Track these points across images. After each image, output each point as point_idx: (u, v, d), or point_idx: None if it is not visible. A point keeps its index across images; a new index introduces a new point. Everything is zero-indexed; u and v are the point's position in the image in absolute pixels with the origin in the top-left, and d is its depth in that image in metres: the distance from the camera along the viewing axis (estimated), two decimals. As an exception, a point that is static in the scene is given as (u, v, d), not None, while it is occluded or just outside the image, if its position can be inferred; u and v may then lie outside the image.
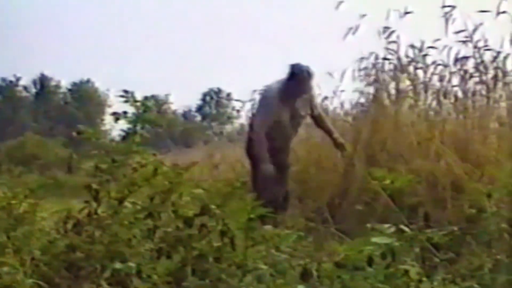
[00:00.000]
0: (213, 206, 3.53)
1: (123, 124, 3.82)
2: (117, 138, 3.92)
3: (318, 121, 7.29)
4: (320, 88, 7.44)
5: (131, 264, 3.39)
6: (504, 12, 6.04)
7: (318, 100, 7.60)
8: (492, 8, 6.10)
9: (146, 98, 3.88)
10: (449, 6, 6.53)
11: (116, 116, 3.77)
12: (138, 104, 3.73)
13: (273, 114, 6.92)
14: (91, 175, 3.70)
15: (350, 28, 7.46)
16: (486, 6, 6.17)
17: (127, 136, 3.77)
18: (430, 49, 7.35)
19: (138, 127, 3.76)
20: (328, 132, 7.32)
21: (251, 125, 7.38)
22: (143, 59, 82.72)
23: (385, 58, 7.82)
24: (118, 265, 3.38)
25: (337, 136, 7.26)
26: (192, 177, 3.87)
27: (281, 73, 7.00)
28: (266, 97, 7.15)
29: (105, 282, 3.41)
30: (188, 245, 3.47)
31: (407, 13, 7.10)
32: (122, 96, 3.75)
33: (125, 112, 3.76)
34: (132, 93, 3.76)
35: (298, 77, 6.85)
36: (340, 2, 7.64)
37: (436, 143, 6.39)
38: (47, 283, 3.44)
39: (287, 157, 7.16)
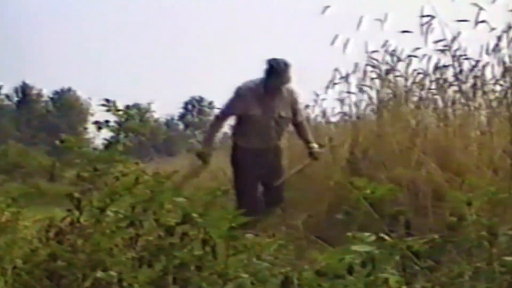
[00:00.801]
0: (194, 215, 3.52)
1: (106, 133, 3.83)
2: (100, 147, 3.92)
3: (299, 129, 7.30)
4: (301, 95, 7.43)
5: (113, 272, 3.38)
6: (482, 21, 6.06)
7: (302, 107, 7.57)
8: (471, 17, 6.13)
9: (128, 107, 3.90)
10: (428, 15, 6.57)
11: (98, 125, 3.78)
12: (120, 113, 3.74)
13: (243, 106, 6.96)
14: (73, 183, 3.70)
15: (336, 36, 7.48)
16: (464, 16, 6.20)
17: (109, 145, 3.78)
18: (410, 58, 7.40)
19: (121, 136, 3.76)
20: (305, 141, 7.33)
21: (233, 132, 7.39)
22: (126, 68, 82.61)
23: (368, 65, 7.87)
24: (99, 274, 3.37)
25: (313, 146, 7.26)
26: (174, 185, 3.88)
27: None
28: (239, 88, 7.11)
29: (87, 290, 3.41)
30: (170, 254, 3.46)
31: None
32: (103, 105, 3.76)
33: (107, 121, 3.77)
34: (114, 102, 3.77)
35: (276, 70, 6.84)
36: (326, 7, 7.66)
37: (417, 151, 6.41)
38: (28, 292, 3.43)
39: (274, 160, 7.10)
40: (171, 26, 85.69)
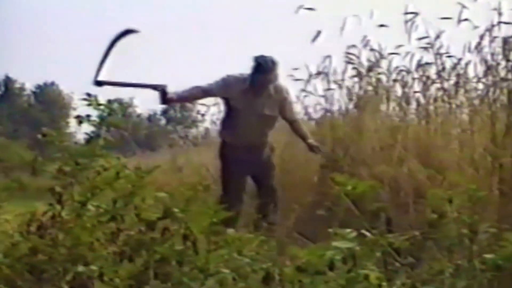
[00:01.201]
0: (176, 210, 3.52)
1: (87, 128, 3.82)
2: (82, 141, 3.91)
3: (294, 126, 7.28)
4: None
5: (94, 267, 3.38)
6: (465, 19, 6.10)
7: (293, 105, 7.55)
8: (454, 15, 6.16)
9: (109, 101, 3.87)
10: (411, 13, 6.59)
11: (79, 120, 3.77)
12: (102, 107, 3.74)
13: (225, 90, 6.94)
14: (55, 177, 3.69)
15: (319, 32, 7.49)
16: (448, 13, 6.23)
17: (90, 139, 3.77)
18: (393, 55, 7.43)
19: (103, 131, 3.76)
20: (302, 137, 7.29)
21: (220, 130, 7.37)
22: (108, 63, 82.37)
23: (348, 62, 7.89)
24: (80, 268, 3.37)
25: (311, 141, 7.21)
26: (155, 180, 3.89)
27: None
28: (226, 75, 7.07)
29: (67, 285, 3.40)
30: (151, 249, 3.46)
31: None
32: (85, 99, 3.76)
33: (88, 116, 3.76)
34: (95, 96, 3.77)
35: (263, 67, 6.81)
36: (300, 6, 7.67)
37: (399, 148, 6.44)
38: (9, 286, 3.42)
39: (256, 156, 7.08)
40: (153, 22, 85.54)
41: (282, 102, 7.11)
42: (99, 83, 6.82)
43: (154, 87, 7.06)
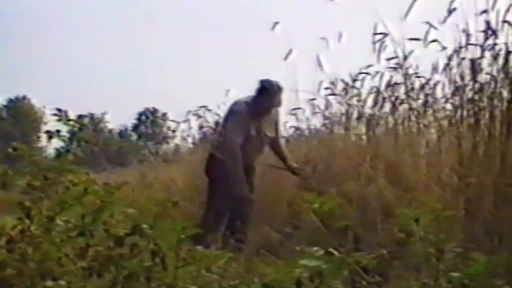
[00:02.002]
0: (144, 226, 3.52)
1: (58, 142, 3.81)
2: (53, 156, 3.90)
3: (277, 147, 7.31)
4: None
5: (62, 282, 3.38)
6: (434, 40, 6.15)
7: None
8: (423, 36, 6.22)
9: (80, 116, 3.87)
10: (381, 33, 6.64)
11: (49, 135, 3.76)
12: (72, 122, 3.73)
13: (244, 127, 6.90)
14: (25, 192, 3.68)
15: (290, 50, 7.52)
16: (416, 34, 6.28)
17: (59, 154, 3.77)
18: (363, 75, 7.48)
19: (74, 145, 3.76)
20: (283, 159, 7.34)
21: (214, 144, 7.31)
22: (81, 78, 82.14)
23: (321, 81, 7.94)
24: (49, 283, 3.37)
25: (292, 163, 7.31)
26: (125, 196, 3.89)
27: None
28: (236, 110, 7.04)
29: (35, 300, 3.40)
30: (119, 264, 3.46)
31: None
32: (55, 115, 3.75)
33: (58, 131, 3.75)
34: (65, 111, 3.76)
35: (268, 91, 6.86)
36: (276, 23, 7.71)
37: (367, 167, 6.48)
38: (-23, 300, 3.41)
39: (251, 179, 7.11)
40: (125, 38, 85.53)
41: (276, 123, 7.21)
42: None
43: None
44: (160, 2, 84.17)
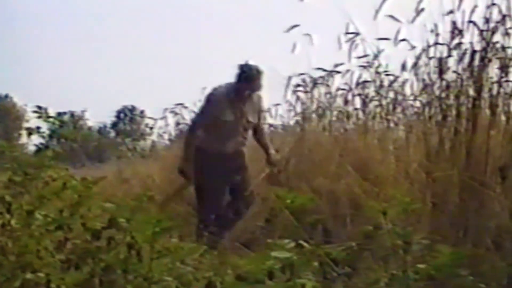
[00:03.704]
0: (121, 220, 3.59)
1: (38, 139, 3.88)
2: (33, 152, 3.96)
3: (259, 135, 7.27)
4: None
5: (41, 274, 3.43)
6: (403, 40, 6.24)
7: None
8: (392, 36, 6.30)
9: (59, 114, 3.96)
10: (352, 33, 6.72)
11: (29, 131, 3.83)
12: (51, 119, 3.80)
13: (217, 112, 6.86)
14: (5, 187, 3.74)
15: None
16: (387, 34, 6.38)
17: (39, 150, 3.83)
18: (334, 73, 7.57)
19: (53, 142, 3.82)
20: (264, 147, 7.29)
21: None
22: (62, 76, 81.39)
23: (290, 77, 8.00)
24: (28, 275, 3.42)
25: (272, 152, 7.25)
26: (102, 191, 3.95)
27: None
28: (212, 94, 7.02)
29: (16, 291, 3.46)
30: (96, 257, 3.52)
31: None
32: (35, 112, 3.82)
33: (38, 127, 3.82)
34: (45, 109, 3.83)
35: (247, 75, 6.82)
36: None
37: (337, 162, 6.54)
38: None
39: (239, 163, 7.02)
40: (104, 36, 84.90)
41: (259, 109, 7.16)
42: None
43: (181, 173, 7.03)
44: (136, 1, 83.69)
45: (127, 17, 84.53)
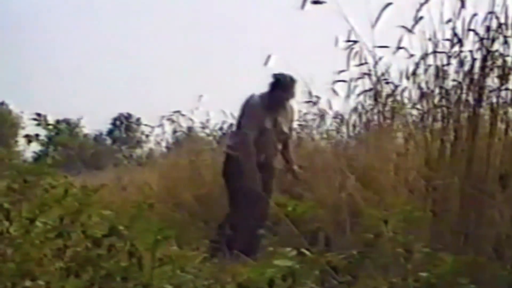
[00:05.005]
0: (121, 227, 3.59)
1: (36, 146, 3.87)
2: (30, 160, 3.96)
3: (285, 146, 7.19)
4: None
5: (41, 282, 3.43)
6: (402, 48, 6.24)
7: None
8: (392, 44, 6.31)
9: (58, 121, 3.95)
10: (351, 40, 6.72)
11: (29, 139, 3.82)
12: (50, 127, 3.80)
13: (258, 120, 6.83)
14: (4, 194, 3.73)
15: (269, 56, 7.50)
16: (386, 42, 6.38)
17: (39, 158, 3.83)
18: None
19: (51, 149, 3.82)
20: (289, 161, 7.23)
21: (230, 144, 7.21)
22: (57, 84, 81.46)
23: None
24: (28, 283, 3.42)
25: (295, 168, 7.20)
26: (101, 198, 3.95)
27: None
28: (250, 104, 6.97)
29: (15, 299, 3.45)
30: (97, 265, 3.52)
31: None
32: (34, 119, 3.82)
33: (37, 135, 3.81)
34: (44, 116, 3.83)
35: (282, 84, 6.83)
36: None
37: (340, 170, 6.53)
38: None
39: (268, 178, 6.93)
40: (100, 43, 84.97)
41: (292, 120, 7.18)
42: None
43: None
44: (133, 9, 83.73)
45: (123, 24, 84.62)
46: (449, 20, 5.72)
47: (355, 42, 6.71)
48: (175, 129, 12.01)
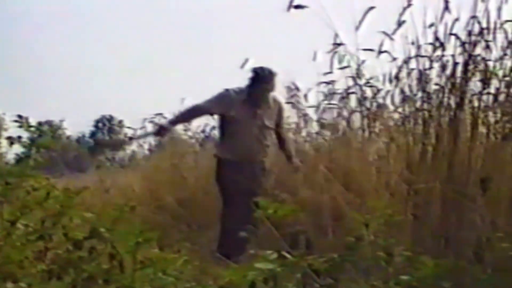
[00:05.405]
0: (102, 229, 3.58)
1: (18, 148, 3.85)
2: (12, 161, 3.95)
3: (283, 142, 7.18)
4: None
5: (23, 284, 3.42)
6: (385, 51, 6.26)
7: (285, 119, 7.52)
8: (375, 47, 6.32)
9: (40, 123, 3.93)
10: (336, 44, 6.73)
11: (11, 141, 3.81)
12: (32, 129, 3.78)
13: (224, 106, 6.82)
14: (-15, 197, 3.72)
15: (246, 59, 7.51)
16: (369, 46, 6.40)
17: (21, 160, 3.81)
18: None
19: (33, 151, 3.80)
20: (288, 156, 7.20)
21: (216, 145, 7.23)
22: (39, 85, 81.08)
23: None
24: (9, 285, 3.41)
25: (295, 161, 7.17)
26: (83, 201, 3.94)
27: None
28: (224, 90, 6.95)
29: (-4, 302, 3.44)
30: (78, 267, 3.51)
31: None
32: (16, 121, 3.80)
33: (19, 137, 3.80)
34: (26, 118, 3.82)
35: (260, 77, 6.80)
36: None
37: (321, 173, 6.54)
38: None
39: (256, 172, 6.84)
40: (82, 44, 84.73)
41: (278, 115, 7.10)
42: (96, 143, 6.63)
43: (150, 133, 6.91)
44: (114, 11, 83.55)
45: (105, 27, 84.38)
46: (432, 25, 5.76)
47: (339, 45, 6.72)
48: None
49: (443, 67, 5.70)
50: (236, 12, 72.42)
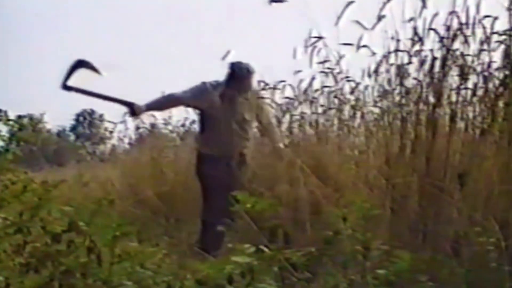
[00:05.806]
0: (80, 223, 3.58)
1: (-2, 142, 3.85)
2: (-9, 156, 3.94)
3: (269, 129, 7.17)
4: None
5: (0, 278, 3.42)
6: (364, 46, 6.26)
7: (267, 109, 7.48)
8: (354, 41, 6.32)
9: (20, 117, 3.94)
10: (315, 37, 6.72)
11: (-11, 134, 3.80)
12: (11, 122, 3.78)
13: (202, 98, 6.77)
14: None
15: (228, 51, 7.48)
16: (349, 40, 6.39)
17: (0, 153, 3.81)
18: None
19: (13, 145, 3.80)
20: (272, 140, 7.19)
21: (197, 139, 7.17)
22: (20, 79, 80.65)
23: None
24: (-13, 279, 3.41)
25: (278, 145, 7.15)
26: (62, 194, 3.95)
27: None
28: (202, 83, 6.90)
29: (-26, 295, 3.44)
30: (56, 260, 3.51)
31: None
32: (-5, 115, 3.80)
33: (-3, 130, 3.80)
34: (5, 112, 3.82)
35: (237, 75, 6.76)
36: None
37: (298, 168, 6.54)
38: None
39: (236, 170, 6.77)
40: (61, 41, 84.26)
41: (258, 106, 7.06)
42: (67, 88, 6.45)
43: (124, 102, 6.80)
44: (96, 6, 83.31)
45: (85, 21, 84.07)
46: (411, 19, 5.77)
47: (319, 38, 6.71)
48: (138, 126, 11.99)
49: (422, 62, 5.71)
50: (213, 7, 72.32)
